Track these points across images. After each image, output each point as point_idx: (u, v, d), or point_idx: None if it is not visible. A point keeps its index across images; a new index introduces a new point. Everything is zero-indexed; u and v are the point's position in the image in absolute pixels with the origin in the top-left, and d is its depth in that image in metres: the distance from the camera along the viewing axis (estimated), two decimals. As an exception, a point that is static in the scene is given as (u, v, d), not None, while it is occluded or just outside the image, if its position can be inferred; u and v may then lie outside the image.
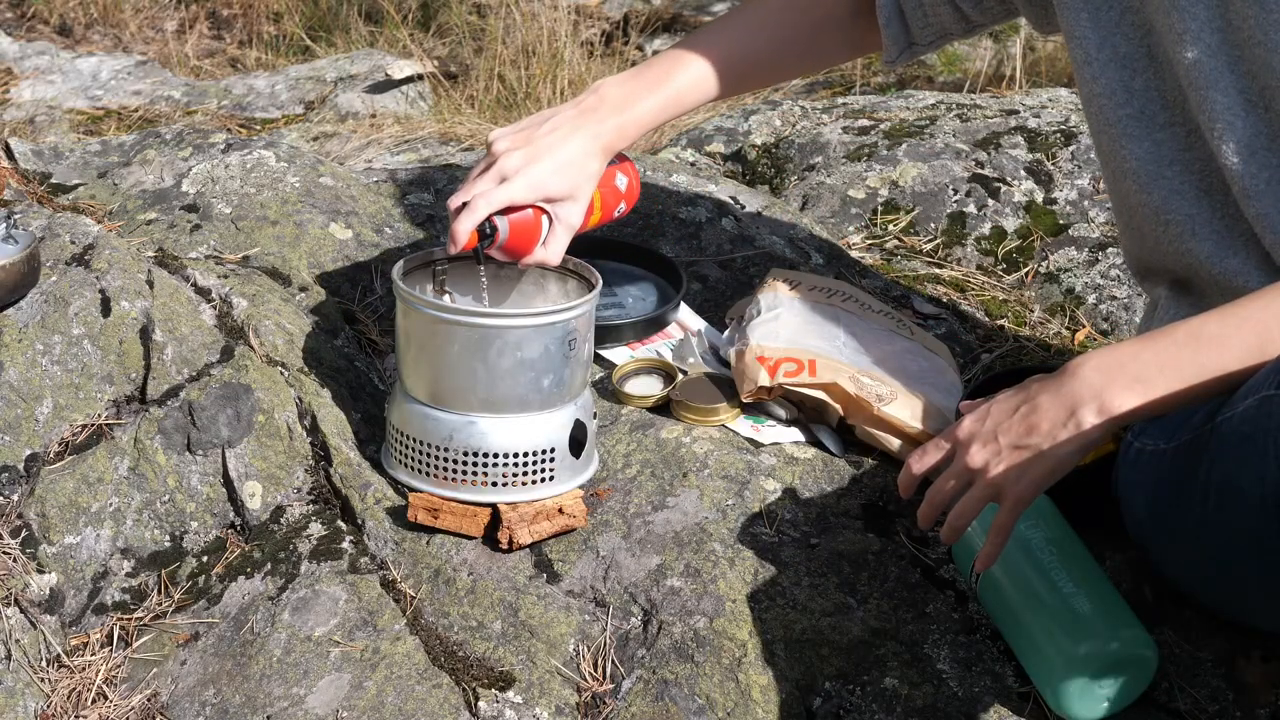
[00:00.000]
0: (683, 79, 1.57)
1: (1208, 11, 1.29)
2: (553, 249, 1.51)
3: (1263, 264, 1.31)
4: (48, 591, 1.46)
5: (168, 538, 1.51)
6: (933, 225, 2.13)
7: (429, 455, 1.46)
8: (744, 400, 1.58)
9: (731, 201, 2.08)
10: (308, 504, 1.52)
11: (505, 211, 1.47)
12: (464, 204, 1.46)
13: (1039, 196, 2.16)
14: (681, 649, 1.34)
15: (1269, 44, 1.25)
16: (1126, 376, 1.17)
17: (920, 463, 1.29)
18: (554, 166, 1.49)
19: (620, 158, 1.61)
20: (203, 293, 1.70)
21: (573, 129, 1.51)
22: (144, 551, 1.50)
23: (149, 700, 1.37)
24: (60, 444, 1.55)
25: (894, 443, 1.54)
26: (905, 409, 1.54)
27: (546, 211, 1.50)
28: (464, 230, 1.45)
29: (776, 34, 1.62)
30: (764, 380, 1.55)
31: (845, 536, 1.44)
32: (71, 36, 3.85)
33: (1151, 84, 1.36)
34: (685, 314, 1.78)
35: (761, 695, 1.30)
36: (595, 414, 1.52)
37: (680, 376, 1.63)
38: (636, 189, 1.65)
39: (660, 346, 1.72)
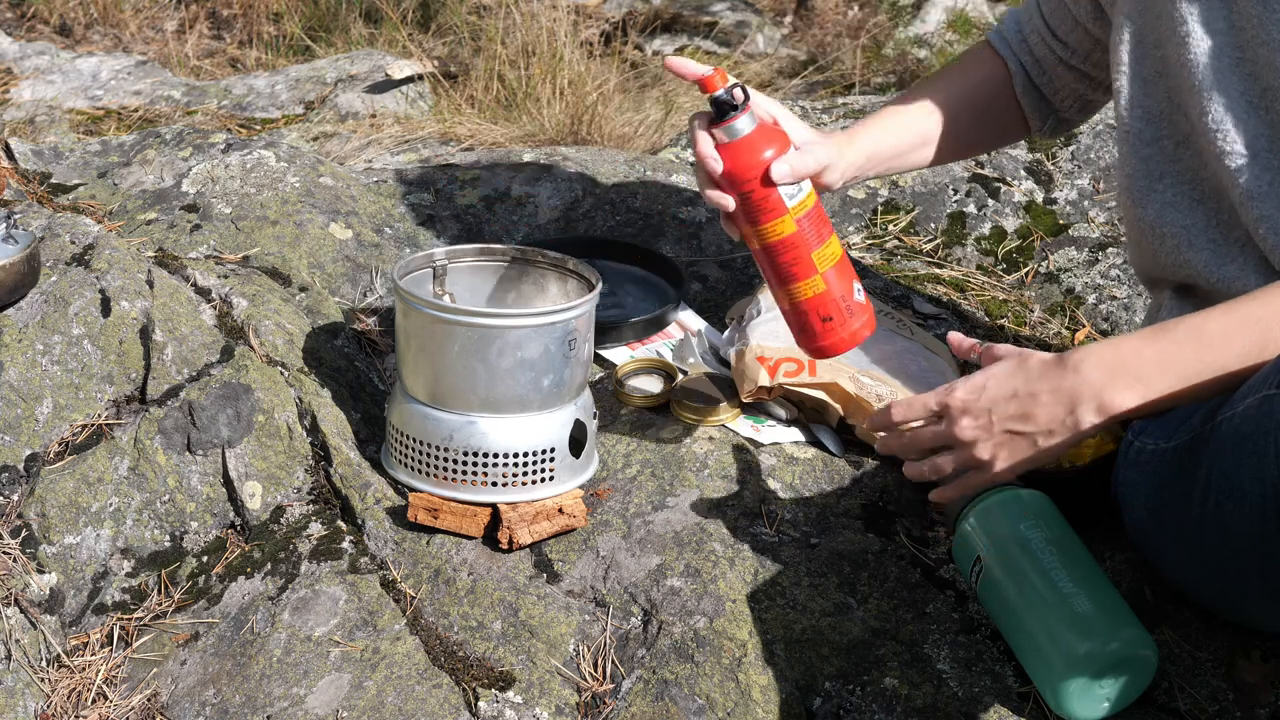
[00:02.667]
0: (889, 124, 1.57)
1: (1209, 14, 1.30)
2: (785, 167, 1.35)
3: (1260, 268, 1.31)
4: (48, 591, 1.46)
5: (168, 538, 1.51)
6: (933, 225, 2.13)
7: (429, 455, 1.46)
8: (744, 400, 1.58)
9: (731, 201, 2.08)
10: (308, 504, 1.52)
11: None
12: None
13: (1039, 196, 2.16)
14: (681, 649, 1.34)
15: (1272, 43, 1.25)
16: (1128, 375, 1.17)
17: (903, 413, 1.29)
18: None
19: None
20: (203, 293, 1.70)
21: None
22: (144, 551, 1.50)
23: (149, 700, 1.37)
24: (60, 444, 1.55)
25: (894, 443, 1.54)
26: (905, 409, 1.54)
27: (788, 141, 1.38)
28: (701, 68, 1.34)
29: (954, 107, 1.61)
30: (764, 380, 1.55)
31: (845, 536, 1.44)
32: (71, 36, 3.85)
33: (1136, 100, 1.38)
34: (685, 314, 1.78)
35: (761, 695, 1.30)
36: (595, 414, 1.52)
37: (680, 376, 1.63)
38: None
39: (660, 346, 1.72)
